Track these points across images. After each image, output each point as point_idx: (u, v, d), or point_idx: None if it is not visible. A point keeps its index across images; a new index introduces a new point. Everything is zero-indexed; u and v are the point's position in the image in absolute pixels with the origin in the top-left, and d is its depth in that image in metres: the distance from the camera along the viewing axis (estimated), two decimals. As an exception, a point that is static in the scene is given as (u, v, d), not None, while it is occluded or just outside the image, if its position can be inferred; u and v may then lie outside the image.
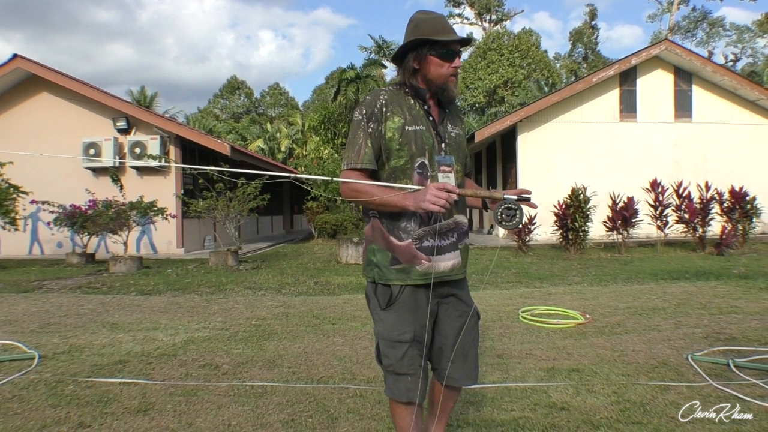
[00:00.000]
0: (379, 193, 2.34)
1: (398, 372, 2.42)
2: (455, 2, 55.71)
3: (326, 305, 7.54)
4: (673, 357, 4.67)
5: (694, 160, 18.05)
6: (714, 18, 50.89)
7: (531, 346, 5.19)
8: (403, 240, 2.41)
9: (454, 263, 2.50)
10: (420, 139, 2.41)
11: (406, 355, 2.40)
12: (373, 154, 2.41)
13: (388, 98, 2.45)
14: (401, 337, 2.41)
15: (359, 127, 2.43)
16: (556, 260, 12.67)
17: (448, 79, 2.45)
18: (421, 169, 2.41)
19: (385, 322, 2.45)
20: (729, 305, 6.87)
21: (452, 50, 2.42)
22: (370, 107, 2.44)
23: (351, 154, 2.43)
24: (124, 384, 4.22)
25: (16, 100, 16.64)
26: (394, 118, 2.41)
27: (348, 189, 2.42)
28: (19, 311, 7.35)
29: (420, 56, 2.43)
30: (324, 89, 57.29)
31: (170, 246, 16.18)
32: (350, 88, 30.73)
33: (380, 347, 2.49)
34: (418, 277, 2.42)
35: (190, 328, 6.22)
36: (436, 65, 2.42)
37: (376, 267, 2.48)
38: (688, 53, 18.09)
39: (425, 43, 2.42)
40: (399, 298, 2.43)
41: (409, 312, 2.43)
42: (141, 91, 41.28)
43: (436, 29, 2.41)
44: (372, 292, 2.53)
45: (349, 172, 2.42)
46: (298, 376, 4.39)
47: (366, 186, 2.37)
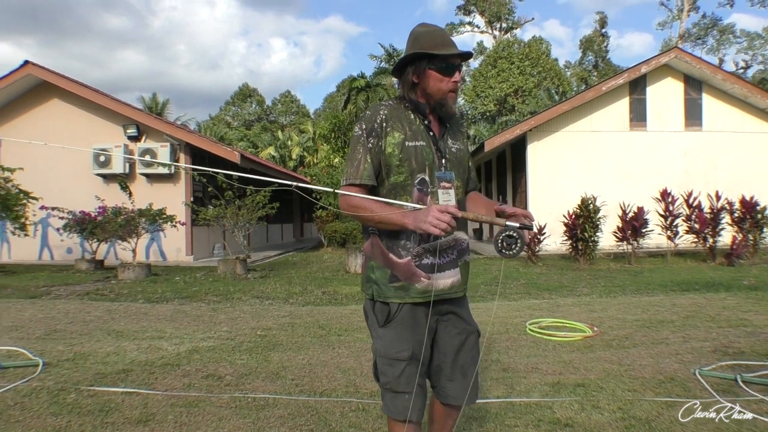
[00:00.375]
0: (378, 210, 2.30)
1: (396, 390, 2.38)
2: (465, 10, 55.81)
3: (333, 316, 7.52)
4: (680, 372, 4.62)
5: (704, 169, 17.93)
6: (724, 25, 50.72)
7: (537, 359, 5.15)
8: (403, 257, 2.37)
9: (454, 281, 2.45)
10: (420, 154, 2.38)
11: (403, 373, 2.36)
12: (373, 170, 2.37)
13: (388, 113, 2.41)
14: (399, 355, 2.36)
15: (359, 143, 2.40)
16: (566, 271, 12.60)
17: (447, 94, 2.41)
18: (421, 186, 2.38)
19: (383, 340, 2.41)
20: (738, 318, 6.80)
21: (452, 64, 2.38)
22: (370, 122, 2.40)
23: (350, 170, 2.39)
24: (126, 393, 4.21)
25: (28, 106, 16.75)
26: (394, 133, 2.38)
27: (347, 204, 2.37)
28: (26, 317, 7.37)
29: (419, 70, 2.40)
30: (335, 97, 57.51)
31: (179, 253, 16.21)
32: (360, 96, 30.80)
33: (378, 364, 2.45)
34: (417, 295, 2.38)
35: (195, 337, 6.22)
36: (436, 79, 2.38)
37: (375, 284, 2.43)
38: (697, 61, 18.00)
39: (424, 57, 2.38)
40: (397, 316, 2.39)
41: (408, 329, 2.39)
42: (153, 98, 41.52)
43: (436, 43, 2.38)
44: (370, 309, 2.49)
45: (348, 187, 2.38)
46: (301, 388, 4.36)
47: (365, 202, 2.33)
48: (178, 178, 16.18)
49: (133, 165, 16.17)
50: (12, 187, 13.21)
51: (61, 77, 16.01)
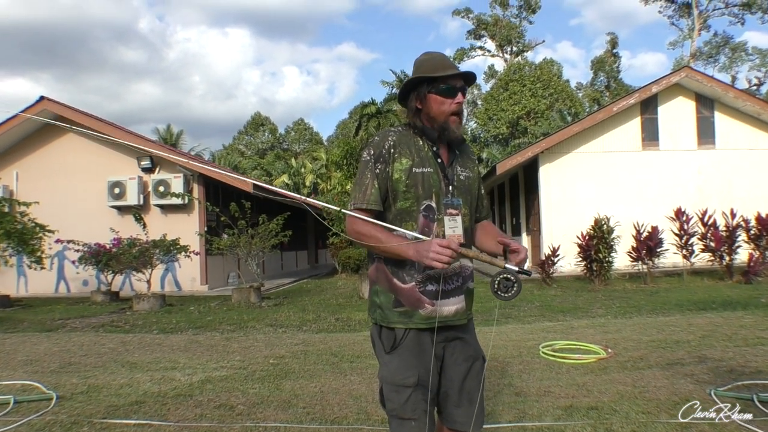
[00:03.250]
0: (383, 240, 2.30)
1: (402, 417, 2.36)
2: (476, 35, 56.16)
3: (346, 342, 7.51)
4: (695, 392, 4.56)
5: (718, 187, 17.79)
6: (736, 43, 50.55)
7: (550, 383, 5.11)
8: (407, 283, 2.38)
9: (458, 308, 2.45)
10: (427, 181, 2.39)
11: (409, 399, 2.34)
12: (380, 196, 2.39)
13: (396, 139, 2.44)
14: (405, 382, 2.35)
15: (367, 168, 2.42)
16: (581, 292, 12.51)
17: (449, 117, 2.41)
18: (427, 212, 2.39)
19: (388, 366, 2.40)
20: (756, 336, 6.72)
21: (452, 86, 2.39)
22: (378, 148, 2.42)
23: (357, 194, 2.41)
24: (139, 425, 4.23)
25: (44, 140, 17.01)
26: (402, 159, 2.39)
27: (353, 230, 2.39)
28: (41, 351, 7.41)
29: (420, 95, 2.42)
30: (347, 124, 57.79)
31: (194, 283, 16.27)
32: (371, 123, 31.00)
33: (384, 391, 2.44)
34: (420, 321, 2.38)
35: (208, 367, 6.22)
36: (437, 102, 2.40)
37: (379, 309, 2.44)
38: (708, 79, 17.96)
39: (424, 81, 2.41)
40: (403, 342, 2.39)
41: (414, 356, 2.38)
42: (167, 129, 42.01)
43: (435, 66, 2.41)
44: (377, 335, 2.49)
45: (355, 212, 2.40)
46: (312, 416, 4.35)
47: (370, 230, 2.33)
48: (192, 209, 16.30)
49: (147, 196, 16.32)
50: (28, 221, 13.36)
51: (76, 112, 16.29)
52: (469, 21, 55.73)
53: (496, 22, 54.24)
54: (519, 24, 55.17)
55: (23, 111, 15.61)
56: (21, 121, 16.05)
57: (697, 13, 48.35)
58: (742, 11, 48.13)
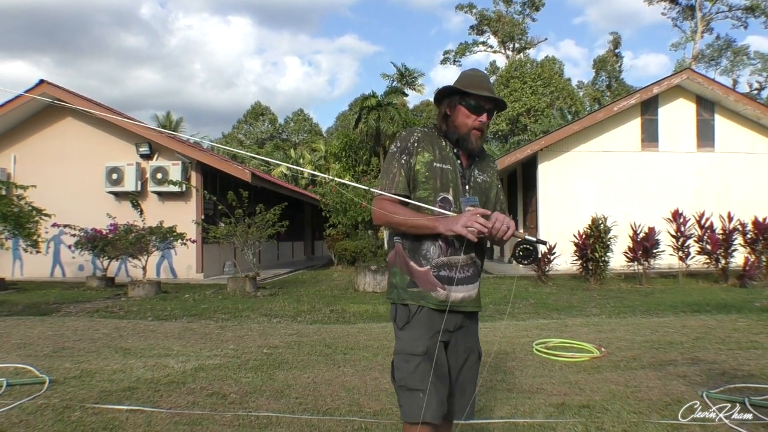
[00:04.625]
0: (411, 215, 2.49)
1: (410, 387, 2.45)
2: (479, 31, 56.08)
3: (340, 334, 7.51)
4: (687, 394, 4.57)
5: (716, 190, 17.82)
6: (738, 46, 50.58)
7: (543, 380, 5.12)
8: (423, 266, 2.55)
9: (467, 295, 2.60)
10: (445, 176, 2.59)
11: (417, 368, 2.45)
12: (406, 184, 2.58)
13: (421, 136, 2.66)
14: (414, 350, 2.48)
15: (393, 158, 2.63)
16: (576, 291, 12.53)
17: (471, 131, 2.62)
18: (443, 204, 2.56)
19: (401, 340, 2.56)
20: (749, 340, 6.74)
21: (480, 105, 2.60)
22: (404, 141, 2.64)
23: (385, 182, 2.61)
24: (131, 411, 4.22)
25: (42, 124, 16.98)
26: (425, 153, 2.60)
27: (381, 211, 2.56)
28: (35, 334, 7.40)
29: (452, 104, 2.65)
30: (347, 116, 57.73)
31: (190, 271, 16.26)
32: (371, 115, 30.92)
33: (395, 362, 2.55)
34: (432, 303, 2.52)
35: (201, 355, 6.22)
36: (464, 115, 2.62)
37: (396, 288, 2.60)
38: (710, 82, 17.97)
39: (458, 93, 2.63)
40: (416, 317, 2.53)
41: (424, 329, 2.51)
42: (167, 116, 41.91)
43: (473, 84, 2.62)
44: (394, 313, 2.63)
45: (382, 198, 2.59)
46: (305, 407, 4.36)
47: (398, 209, 2.53)
48: (189, 196, 16.27)
49: (145, 183, 16.30)
50: (25, 205, 13.32)
51: (75, 96, 16.22)
52: (472, 16, 55.74)
53: (499, 18, 54.18)
54: (522, 21, 55.15)
55: (25, 92, 15.56)
56: (20, 104, 16.00)
57: (701, 16, 48.30)
58: (746, 15, 48.12)
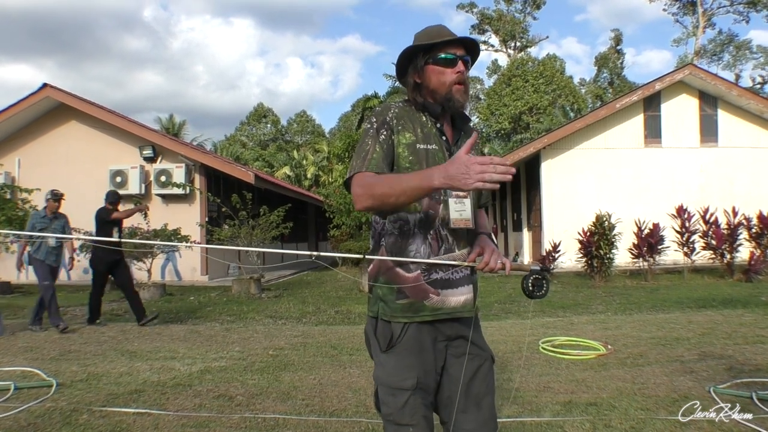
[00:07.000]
0: (396, 179, 2.04)
1: (399, 423, 2.11)
2: (480, 29, 56.01)
3: (345, 335, 7.51)
4: (694, 390, 4.56)
5: (720, 185, 17.77)
6: (741, 41, 50.38)
7: (549, 378, 5.11)
8: (412, 271, 2.14)
9: (467, 298, 2.21)
10: (432, 159, 2.16)
11: (407, 403, 2.10)
12: (384, 161, 2.13)
13: (398, 112, 2.23)
14: (402, 384, 2.11)
15: (368, 135, 2.18)
16: (581, 288, 12.51)
17: (452, 87, 2.18)
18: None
19: (385, 367, 2.17)
20: (755, 335, 6.72)
21: (450, 54, 2.18)
22: (381, 116, 2.21)
23: (356, 162, 2.14)
24: (138, 414, 4.23)
25: (47, 127, 17.00)
26: (405, 133, 2.18)
27: (360, 190, 2.07)
28: (42, 338, 7.43)
29: (418, 67, 2.22)
30: (350, 117, 57.62)
31: (195, 273, 16.28)
32: (374, 115, 30.86)
33: (379, 393, 2.19)
34: (426, 313, 2.14)
35: (207, 357, 6.23)
36: (436, 73, 2.19)
37: (381, 301, 2.20)
38: (712, 77, 17.92)
39: (420, 52, 2.21)
40: (401, 339, 2.14)
41: (412, 355, 2.14)
42: (170, 118, 41.95)
43: (431, 36, 2.21)
44: (372, 332, 2.25)
45: (353, 179, 2.13)
46: (311, 408, 4.36)
47: (378, 179, 2.06)
48: (193, 199, 16.29)
49: (149, 185, 16.32)
50: (30, 208, 13.34)
51: (79, 99, 16.25)
52: (474, 15, 55.58)
53: (500, 17, 54.06)
54: (523, 19, 55.00)
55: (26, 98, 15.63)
56: (23, 109, 16.02)
57: (702, 11, 48.16)
58: (747, 9, 47.93)
